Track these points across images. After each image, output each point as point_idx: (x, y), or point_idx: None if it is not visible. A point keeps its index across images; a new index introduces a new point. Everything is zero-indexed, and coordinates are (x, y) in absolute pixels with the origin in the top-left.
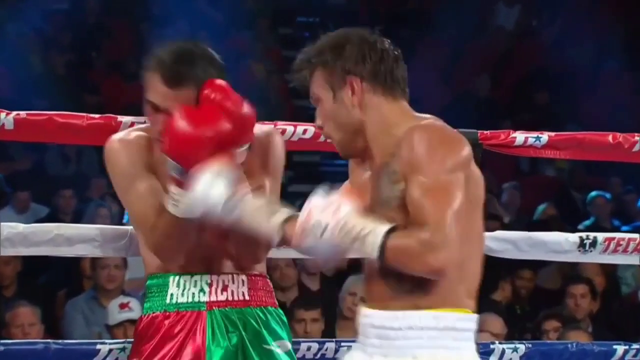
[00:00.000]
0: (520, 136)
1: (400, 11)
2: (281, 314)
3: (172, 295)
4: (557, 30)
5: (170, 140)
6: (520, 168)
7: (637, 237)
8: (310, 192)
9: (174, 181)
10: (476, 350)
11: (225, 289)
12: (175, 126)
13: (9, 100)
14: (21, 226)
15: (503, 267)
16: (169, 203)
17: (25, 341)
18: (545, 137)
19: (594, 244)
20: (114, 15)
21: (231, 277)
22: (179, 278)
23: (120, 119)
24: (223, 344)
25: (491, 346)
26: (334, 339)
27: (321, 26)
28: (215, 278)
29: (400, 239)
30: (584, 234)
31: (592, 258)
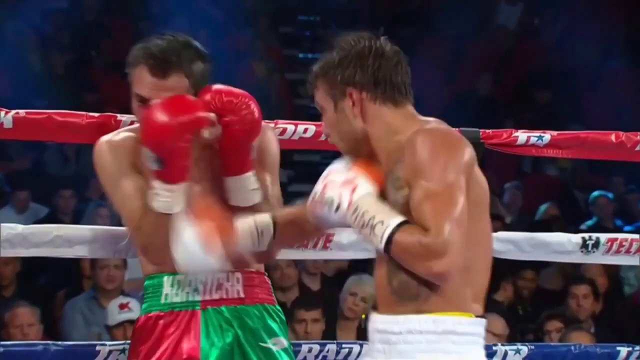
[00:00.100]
0: (522, 135)
1: (401, 10)
2: (278, 310)
3: (166, 295)
4: (559, 29)
5: (145, 130)
6: (522, 168)
7: None
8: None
9: (153, 174)
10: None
11: (219, 287)
12: (149, 116)
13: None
14: (20, 227)
15: (505, 268)
16: (150, 197)
17: (25, 342)
18: (547, 136)
19: (596, 244)
20: (114, 14)
21: (226, 275)
22: (173, 278)
23: (119, 117)
24: (218, 342)
25: (493, 348)
26: (335, 341)
27: (322, 25)
28: (209, 276)
29: (407, 237)
30: (586, 235)
31: (595, 259)
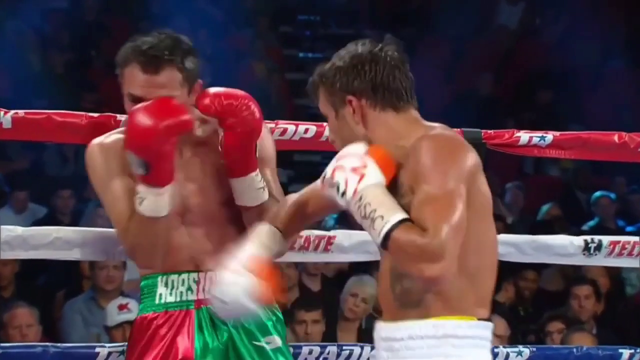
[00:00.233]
0: (524, 136)
1: (401, 10)
2: (275, 309)
3: (160, 295)
4: (560, 29)
5: (129, 135)
6: (524, 168)
7: None
8: None
9: (139, 178)
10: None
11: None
12: (133, 120)
13: (7, 99)
14: (20, 229)
15: (506, 268)
16: (137, 201)
17: (24, 344)
18: (549, 137)
19: (599, 247)
20: (113, 14)
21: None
22: (167, 278)
23: (119, 117)
24: (212, 342)
25: (495, 350)
26: (335, 343)
27: (322, 25)
28: (203, 276)
29: (405, 235)
30: (588, 237)
31: (597, 261)
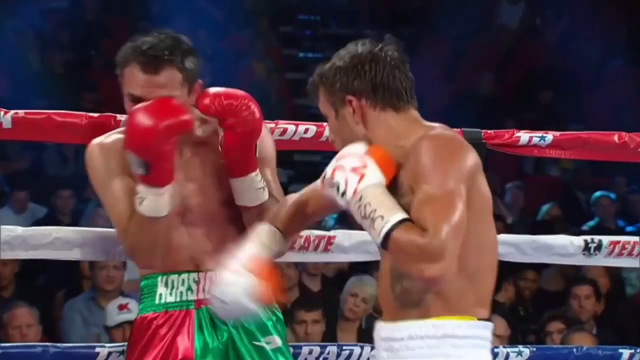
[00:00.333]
0: (524, 136)
1: (401, 9)
2: (275, 309)
3: (160, 295)
4: (560, 29)
5: (129, 135)
6: (524, 168)
7: None
8: None
9: (139, 179)
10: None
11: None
12: (132, 121)
13: (7, 99)
14: (20, 229)
15: (506, 268)
16: (137, 201)
17: (24, 344)
18: (549, 137)
19: (599, 247)
20: (113, 14)
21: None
22: (167, 278)
23: (119, 117)
24: (212, 342)
25: (495, 350)
26: (335, 343)
27: (322, 24)
28: (203, 276)
29: (405, 235)
30: (588, 237)
31: (597, 261)
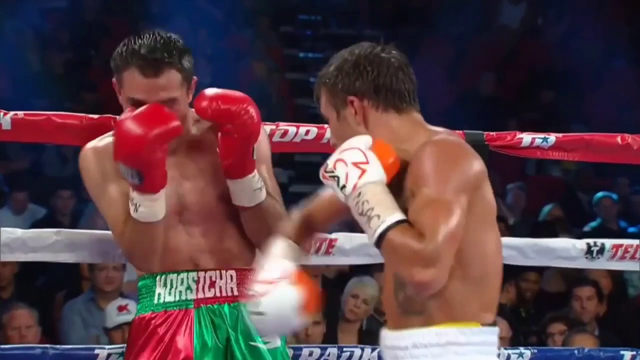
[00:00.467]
0: (527, 137)
1: (402, 9)
2: None
3: (159, 295)
4: (562, 28)
5: (119, 147)
6: (526, 168)
7: None
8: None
9: (132, 187)
10: None
11: (212, 285)
12: (121, 132)
13: (7, 99)
14: (19, 231)
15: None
16: (131, 208)
17: (23, 346)
18: (552, 138)
19: (601, 250)
20: (113, 14)
21: (218, 273)
22: (166, 277)
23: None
24: (211, 341)
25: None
26: (336, 345)
27: (323, 24)
28: (202, 275)
29: (399, 237)
30: (591, 241)
31: (600, 264)
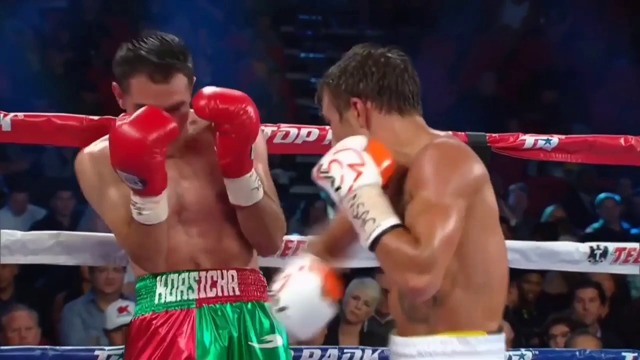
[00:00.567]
0: (529, 139)
1: (403, 9)
2: None
3: (160, 295)
4: (564, 28)
5: (118, 154)
6: (528, 169)
7: None
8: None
9: (133, 191)
10: None
11: (214, 284)
12: (119, 139)
13: (7, 99)
14: (19, 233)
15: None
16: (133, 212)
17: (22, 347)
18: (555, 140)
19: (604, 254)
20: (113, 14)
21: (220, 272)
22: (167, 277)
23: None
24: (213, 341)
25: None
26: (336, 346)
27: (323, 24)
28: (203, 274)
29: (394, 242)
30: (594, 244)
31: (603, 268)
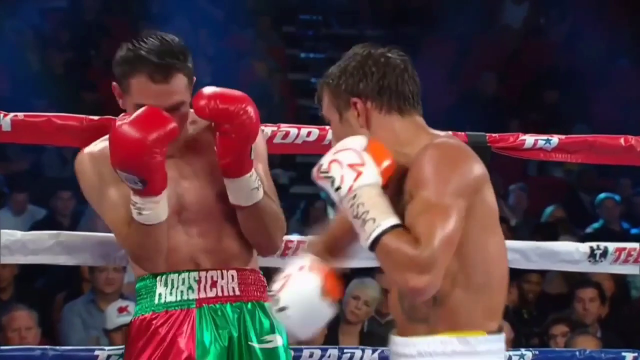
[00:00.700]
0: (529, 139)
1: (403, 9)
2: None
3: (160, 295)
4: (565, 28)
5: (118, 154)
6: (528, 169)
7: None
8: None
9: (134, 191)
10: None
11: (214, 284)
12: (119, 139)
13: (7, 99)
14: (19, 233)
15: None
16: (133, 212)
17: (22, 347)
18: (555, 140)
19: (604, 254)
20: (113, 13)
21: (220, 272)
22: (167, 277)
23: None
24: (213, 341)
25: None
26: (336, 346)
27: (324, 24)
28: (203, 274)
29: (395, 242)
30: (594, 244)
31: (603, 268)
